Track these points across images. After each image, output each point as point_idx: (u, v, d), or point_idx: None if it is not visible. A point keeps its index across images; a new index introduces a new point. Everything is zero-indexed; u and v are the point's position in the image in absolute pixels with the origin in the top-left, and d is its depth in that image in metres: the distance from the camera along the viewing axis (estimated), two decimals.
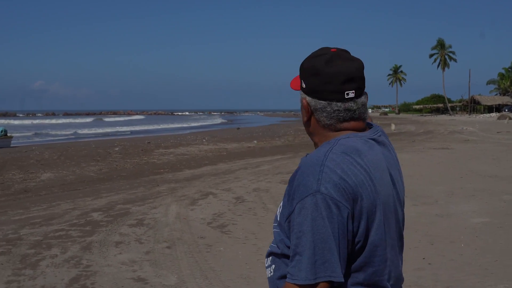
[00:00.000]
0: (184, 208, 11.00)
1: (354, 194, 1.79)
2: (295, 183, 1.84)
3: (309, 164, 1.84)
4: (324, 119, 1.97)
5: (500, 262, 6.99)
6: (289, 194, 1.86)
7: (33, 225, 9.63)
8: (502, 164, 17.67)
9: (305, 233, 1.75)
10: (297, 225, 1.77)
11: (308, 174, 1.81)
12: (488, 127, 46.92)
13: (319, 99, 1.96)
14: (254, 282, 6.46)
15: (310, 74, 1.98)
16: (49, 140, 40.26)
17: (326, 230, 1.74)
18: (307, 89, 2.00)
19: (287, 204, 1.88)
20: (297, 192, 1.80)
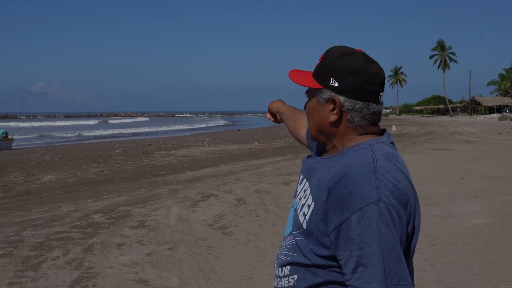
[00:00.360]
0: (185, 210, 11.01)
1: (406, 200, 1.76)
2: (345, 191, 1.73)
3: (361, 171, 1.75)
4: (358, 120, 1.90)
5: (502, 263, 6.99)
6: (334, 202, 1.75)
7: (34, 227, 9.64)
8: (503, 165, 17.67)
9: (370, 243, 1.67)
10: (357, 235, 1.68)
11: (363, 181, 1.72)
12: (489, 128, 46.89)
13: (357, 99, 1.89)
14: (256, 283, 6.46)
15: (348, 73, 1.89)
16: (55, 142, 40.27)
17: (394, 239, 1.69)
18: (342, 88, 1.90)
19: (330, 213, 1.76)
20: (351, 200, 1.71)
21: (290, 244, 1.95)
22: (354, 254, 1.69)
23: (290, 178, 15.59)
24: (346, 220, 1.70)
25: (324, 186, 1.81)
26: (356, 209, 1.69)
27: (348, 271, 1.72)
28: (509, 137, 33.53)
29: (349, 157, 1.83)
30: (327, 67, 1.94)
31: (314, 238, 1.83)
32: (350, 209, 1.70)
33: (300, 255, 1.88)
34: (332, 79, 1.91)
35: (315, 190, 1.86)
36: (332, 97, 1.92)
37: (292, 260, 1.92)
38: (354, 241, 1.69)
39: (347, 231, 1.70)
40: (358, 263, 1.68)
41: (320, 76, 1.96)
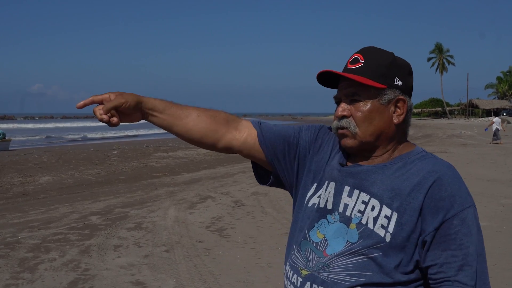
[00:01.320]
0: (182, 212, 10.99)
1: None
2: (446, 193, 1.71)
3: (453, 175, 1.78)
4: (409, 120, 1.91)
5: (498, 266, 6.99)
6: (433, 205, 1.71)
7: (31, 228, 9.62)
8: (500, 168, 17.69)
9: (473, 244, 1.71)
10: (462, 235, 1.70)
11: (460, 185, 1.76)
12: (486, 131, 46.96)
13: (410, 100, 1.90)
14: (253, 286, 6.46)
15: (407, 73, 1.89)
16: (58, 143, 40.19)
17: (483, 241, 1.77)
18: (405, 87, 1.88)
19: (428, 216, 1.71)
20: (453, 202, 1.71)
21: (357, 262, 1.75)
22: (458, 254, 1.69)
23: None
24: (447, 220, 1.69)
25: (409, 195, 1.74)
26: (458, 211, 1.70)
27: (451, 269, 1.70)
28: (506, 139, 33.56)
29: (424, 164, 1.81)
30: (390, 66, 1.86)
31: (402, 251, 1.72)
32: (452, 210, 1.70)
33: (378, 274, 1.72)
34: (396, 78, 1.85)
35: (394, 201, 1.75)
36: (398, 96, 1.86)
37: (367, 280, 1.73)
38: (456, 240, 1.69)
39: (448, 230, 1.69)
40: (465, 260, 1.69)
41: (383, 76, 1.84)
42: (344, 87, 1.88)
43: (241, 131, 2.08)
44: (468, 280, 1.68)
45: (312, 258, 1.83)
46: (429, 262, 1.71)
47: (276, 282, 6.50)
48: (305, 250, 1.87)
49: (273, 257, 7.59)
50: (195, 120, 2.03)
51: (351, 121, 1.85)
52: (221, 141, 2.07)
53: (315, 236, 1.86)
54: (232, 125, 2.08)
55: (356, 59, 1.88)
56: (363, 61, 1.85)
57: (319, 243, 1.84)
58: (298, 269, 1.87)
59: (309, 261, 1.84)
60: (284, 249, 6.78)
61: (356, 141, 1.86)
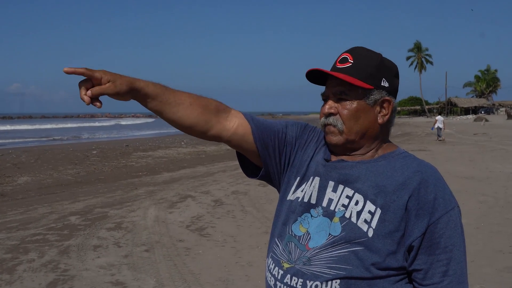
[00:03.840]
0: (162, 211, 10.97)
1: None
2: (430, 196, 1.74)
3: (436, 177, 1.80)
4: (393, 121, 1.94)
5: (475, 262, 7.06)
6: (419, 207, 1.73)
7: (9, 229, 9.53)
8: (478, 166, 17.87)
9: (457, 246, 1.75)
10: (446, 238, 1.73)
11: (443, 187, 1.78)
12: (464, 129, 47.44)
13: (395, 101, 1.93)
14: (233, 284, 6.46)
15: (394, 74, 1.93)
16: (41, 143, 39.82)
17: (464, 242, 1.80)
18: (391, 88, 1.92)
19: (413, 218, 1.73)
20: (437, 205, 1.74)
21: (336, 255, 1.77)
22: (442, 258, 1.73)
23: None
24: (433, 223, 1.72)
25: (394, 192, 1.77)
26: (442, 213, 1.73)
27: (435, 274, 1.73)
28: (484, 137, 33.91)
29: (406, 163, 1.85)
30: (378, 67, 1.89)
31: (383, 247, 1.73)
32: (436, 213, 1.72)
33: (357, 268, 1.74)
34: (383, 80, 1.89)
35: (379, 197, 1.77)
36: (384, 97, 1.90)
37: (347, 274, 1.74)
38: (440, 244, 1.73)
39: (432, 234, 1.72)
40: (449, 265, 1.73)
41: (371, 76, 1.88)
42: (332, 85, 1.92)
43: (231, 121, 2.06)
44: (454, 285, 1.72)
45: (294, 252, 1.86)
46: (415, 266, 1.75)
47: (256, 281, 6.51)
48: (287, 244, 1.89)
49: (254, 256, 7.61)
50: (186, 108, 1.99)
51: (338, 119, 1.90)
52: (211, 131, 2.06)
53: (297, 230, 1.89)
54: (223, 116, 2.06)
55: (345, 58, 1.91)
56: (351, 61, 1.89)
57: (301, 236, 1.86)
58: (280, 262, 1.89)
59: (291, 254, 1.86)
60: (264, 248, 6.81)
61: (341, 139, 1.90)
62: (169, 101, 1.97)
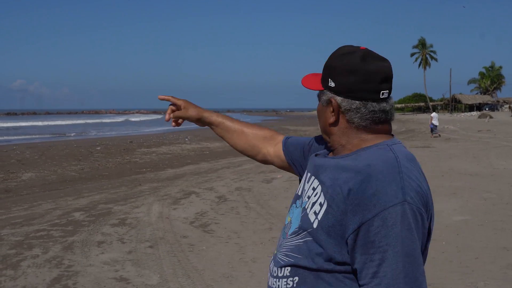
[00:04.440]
0: (166, 208, 10.98)
1: (427, 202, 1.73)
2: (369, 192, 1.66)
3: (386, 171, 1.69)
4: (358, 120, 1.85)
5: (480, 259, 7.06)
6: (356, 203, 1.67)
7: (14, 225, 9.56)
8: (482, 163, 17.84)
9: (392, 246, 1.61)
10: (381, 238, 1.62)
11: (389, 181, 1.66)
12: (469, 126, 47.29)
13: (354, 99, 1.84)
14: (237, 281, 6.47)
15: (343, 73, 1.85)
16: (45, 140, 39.89)
17: (414, 243, 1.64)
18: (338, 88, 1.87)
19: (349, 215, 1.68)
20: (375, 201, 1.64)
21: (294, 244, 1.85)
22: (375, 258, 1.62)
23: (272, 175, 15.60)
24: (367, 221, 1.63)
25: (341, 186, 1.73)
26: (380, 210, 1.63)
27: (367, 275, 1.65)
28: (489, 134, 33.86)
29: (369, 156, 1.77)
30: (326, 68, 1.93)
31: (327, 239, 1.74)
32: (374, 210, 1.63)
33: (305, 258, 1.79)
34: (330, 80, 1.89)
35: (329, 190, 1.77)
36: (327, 98, 1.90)
37: (295, 262, 1.82)
38: (375, 243, 1.62)
39: (367, 233, 1.63)
40: (380, 267, 1.62)
41: (322, 78, 1.94)
42: None
43: (275, 146, 2.47)
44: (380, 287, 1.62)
45: (280, 239, 2.00)
46: (353, 266, 1.70)
47: (260, 277, 6.51)
48: (281, 233, 2.02)
49: (257, 252, 7.61)
50: (239, 136, 2.51)
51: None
52: (258, 155, 2.53)
53: (286, 219, 2.02)
54: (269, 142, 2.50)
55: None
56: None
57: (286, 225, 1.98)
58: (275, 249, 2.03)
59: (279, 241, 2.00)
60: (268, 244, 6.83)
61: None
62: (227, 129, 2.51)
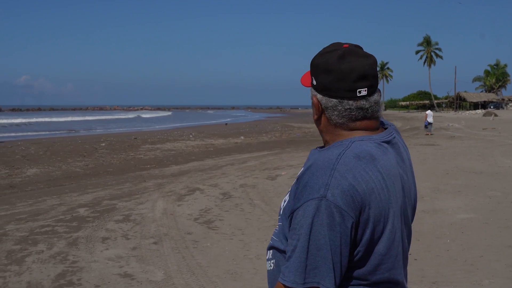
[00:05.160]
0: (171, 204, 10.99)
1: (362, 202, 1.72)
2: (302, 182, 1.78)
3: (320, 165, 1.76)
4: (335, 117, 1.89)
5: (485, 257, 7.04)
6: (295, 191, 1.81)
7: (18, 220, 9.57)
8: (487, 161, 17.79)
9: (302, 236, 1.71)
10: (297, 226, 1.73)
11: (317, 176, 1.74)
12: (473, 124, 47.21)
13: (330, 97, 1.88)
14: (241, 277, 6.47)
15: (321, 71, 1.90)
16: (50, 136, 39.97)
17: (324, 238, 1.69)
18: (318, 86, 1.92)
19: (292, 201, 1.82)
20: (303, 192, 1.75)
21: (278, 228, 1.98)
22: (292, 243, 1.75)
23: (276, 172, 15.60)
24: (296, 209, 1.75)
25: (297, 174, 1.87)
26: (304, 201, 1.73)
27: (285, 257, 1.78)
28: (494, 132, 33.77)
29: (324, 151, 1.86)
30: (311, 65, 1.98)
31: (286, 226, 1.87)
32: (301, 200, 1.74)
33: (279, 241, 1.94)
34: (313, 78, 1.96)
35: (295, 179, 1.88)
36: (312, 95, 1.97)
37: (273, 244, 1.98)
38: (296, 230, 1.74)
39: (294, 220, 1.75)
40: (292, 252, 1.73)
41: (311, 76, 1.99)
42: None
43: None
44: (285, 269, 1.75)
45: None
46: None
47: (264, 274, 6.49)
48: None
49: (262, 249, 7.60)
50: None
51: None
52: None
53: None
54: None
55: None
56: None
57: None
58: None
59: None
60: None
61: None
62: None
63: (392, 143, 1.92)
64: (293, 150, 23.65)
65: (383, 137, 1.90)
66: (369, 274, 1.81)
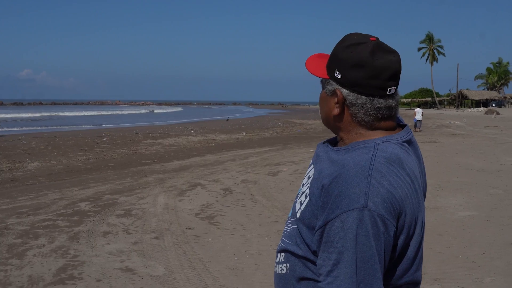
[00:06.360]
0: (172, 199, 10.98)
1: (400, 209, 1.67)
2: (335, 191, 1.65)
3: (353, 173, 1.66)
4: (361, 115, 1.79)
5: (486, 255, 7.03)
6: (324, 200, 1.68)
7: (20, 214, 9.57)
8: (489, 158, 17.77)
9: (347, 249, 1.61)
10: (335, 238, 1.63)
11: (353, 185, 1.63)
12: (475, 122, 47.14)
13: (360, 94, 1.78)
14: (242, 273, 6.46)
15: (351, 65, 1.77)
16: (51, 130, 39.98)
17: (371, 249, 1.61)
18: (344, 80, 1.79)
19: (320, 210, 1.70)
20: (337, 202, 1.63)
21: (288, 230, 1.89)
22: (332, 257, 1.64)
23: (277, 168, 15.59)
24: (330, 221, 1.64)
25: (321, 180, 1.73)
26: (340, 212, 1.62)
27: (323, 272, 1.66)
28: (495, 130, 33.74)
29: (349, 155, 1.75)
30: (334, 57, 1.84)
31: (306, 230, 1.77)
32: (336, 211, 1.63)
33: (294, 244, 1.83)
34: (336, 71, 1.82)
35: (314, 182, 1.78)
36: (335, 89, 1.83)
37: (286, 247, 1.87)
38: (333, 243, 1.63)
39: (329, 232, 1.64)
40: (335, 266, 1.63)
41: (328, 67, 1.87)
42: None
43: None
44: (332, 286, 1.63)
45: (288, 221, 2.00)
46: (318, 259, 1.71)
47: (265, 269, 6.51)
48: None
49: (263, 245, 7.60)
50: None
51: None
52: None
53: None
54: None
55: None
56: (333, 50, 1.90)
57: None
58: None
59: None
60: (273, 236, 6.80)
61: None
62: None
63: (411, 142, 1.85)
64: (295, 146, 23.64)
65: (403, 136, 1.83)
66: (398, 279, 1.76)
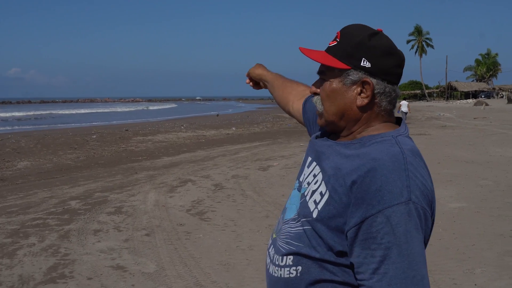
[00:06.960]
0: (162, 196, 10.96)
1: (432, 200, 1.65)
2: (372, 187, 1.58)
3: (390, 167, 1.60)
4: (386, 104, 1.77)
5: (477, 246, 7.07)
6: (358, 196, 1.60)
7: (9, 214, 9.53)
8: (478, 150, 17.85)
9: (397, 245, 1.54)
10: (383, 235, 1.55)
11: (394, 179, 1.58)
12: (464, 113, 47.30)
13: (388, 82, 1.76)
14: (234, 268, 6.46)
15: (382, 53, 1.74)
16: (40, 128, 39.81)
17: (421, 242, 1.59)
18: (375, 69, 1.74)
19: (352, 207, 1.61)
20: (380, 197, 1.56)
21: (294, 231, 1.79)
22: (377, 254, 1.56)
23: (268, 163, 15.59)
24: (370, 217, 1.57)
25: (345, 176, 1.65)
26: (384, 207, 1.55)
27: (367, 270, 1.59)
28: (485, 122, 33.89)
29: (374, 148, 1.69)
30: (357, 46, 1.76)
31: (327, 230, 1.68)
32: (377, 206, 1.56)
33: (307, 246, 1.73)
34: (364, 59, 1.75)
35: (331, 179, 1.70)
36: (363, 79, 1.75)
37: (297, 250, 1.76)
38: (377, 239, 1.56)
39: (370, 228, 1.57)
40: (381, 263, 1.55)
41: (348, 56, 1.77)
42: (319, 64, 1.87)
43: (298, 101, 2.55)
44: (382, 285, 1.55)
45: (279, 223, 1.92)
46: (351, 259, 1.64)
47: (257, 264, 6.51)
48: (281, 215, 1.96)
49: (254, 240, 7.60)
50: (278, 90, 2.74)
51: (319, 99, 1.87)
52: (286, 107, 2.69)
53: (287, 202, 1.94)
54: (298, 96, 2.58)
55: (335, 36, 1.84)
56: (338, 40, 1.81)
57: (286, 208, 1.91)
58: (272, 232, 1.97)
59: (278, 225, 1.93)
60: (264, 231, 6.79)
61: (323, 120, 1.87)
62: (273, 86, 2.77)
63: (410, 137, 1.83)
64: (285, 141, 23.66)
65: (406, 130, 1.81)
66: None
